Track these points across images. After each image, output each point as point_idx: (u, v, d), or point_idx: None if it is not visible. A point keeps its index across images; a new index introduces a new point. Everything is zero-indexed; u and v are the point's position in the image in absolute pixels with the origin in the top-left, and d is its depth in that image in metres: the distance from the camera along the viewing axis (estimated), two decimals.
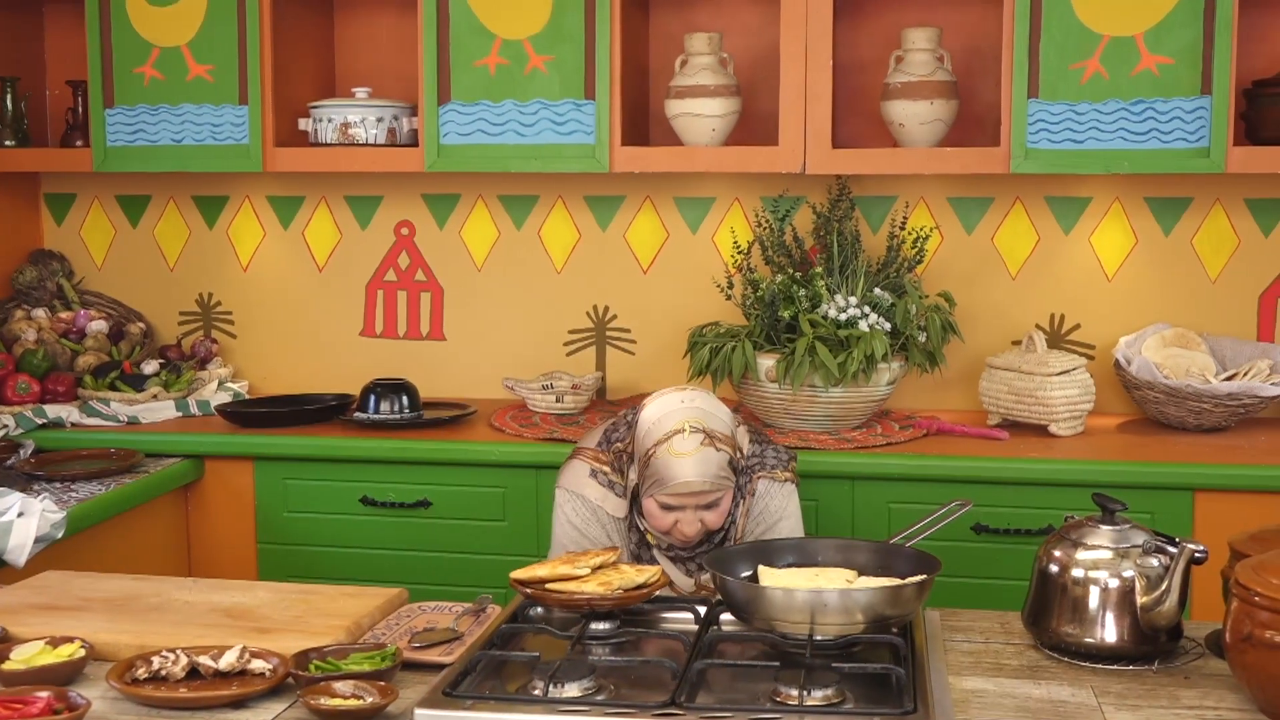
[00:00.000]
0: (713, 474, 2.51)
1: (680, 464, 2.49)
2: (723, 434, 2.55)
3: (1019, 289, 3.72)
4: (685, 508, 2.53)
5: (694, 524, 2.55)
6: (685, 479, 2.49)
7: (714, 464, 2.51)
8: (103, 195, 4.14)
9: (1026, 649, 2.15)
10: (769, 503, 2.68)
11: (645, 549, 2.67)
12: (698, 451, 2.50)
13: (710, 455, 2.51)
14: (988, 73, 3.59)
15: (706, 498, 2.53)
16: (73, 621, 2.19)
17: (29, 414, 3.59)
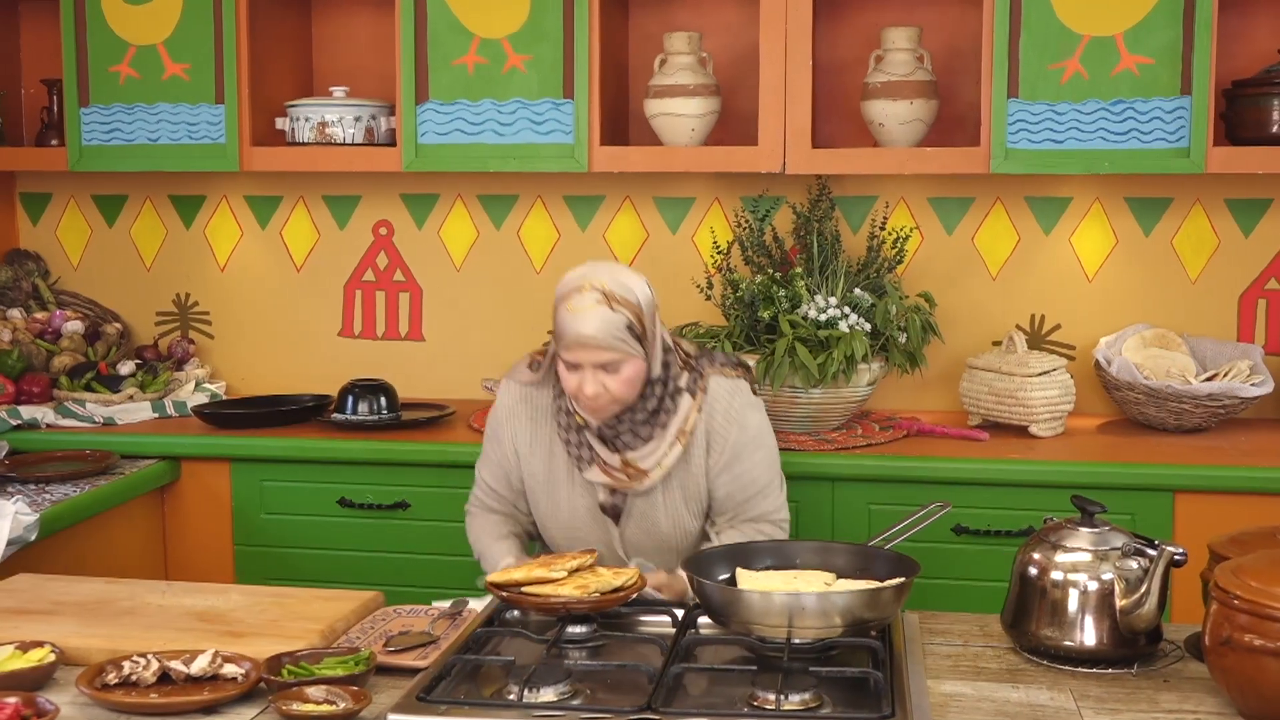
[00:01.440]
0: (606, 331, 2.51)
1: (575, 319, 2.52)
2: (622, 297, 2.55)
3: (999, 289, 3.72)
4: (584, 367, 2.54)
5: (595, 386, 2.54)
6: (577, 332, 2.52)
7: (608, 322, 2.52)
8: (79, 195, 4.11)
9: (1006, 652, 2.14)
10: (731, 403, 2.66)
11: (576, 433, 2.66)
12: (593, 309, 2.52)
13: (605, 313, 2.52)
14: (968, 72, 3.58)
15: (601, 355, 2.52)
16: (43, 625, 2.17)
17: (3, 415, 3.56)
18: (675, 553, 2.69)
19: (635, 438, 2.63)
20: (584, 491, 2.68)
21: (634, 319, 2.54)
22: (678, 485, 2.67)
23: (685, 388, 2.66)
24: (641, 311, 2.56)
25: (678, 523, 2.68)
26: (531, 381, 2.73)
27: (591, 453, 2.65)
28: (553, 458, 2.70)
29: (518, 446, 2.73)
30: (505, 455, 2.75)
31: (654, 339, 2.60)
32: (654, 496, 2.66)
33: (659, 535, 2.68)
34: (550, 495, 2.71)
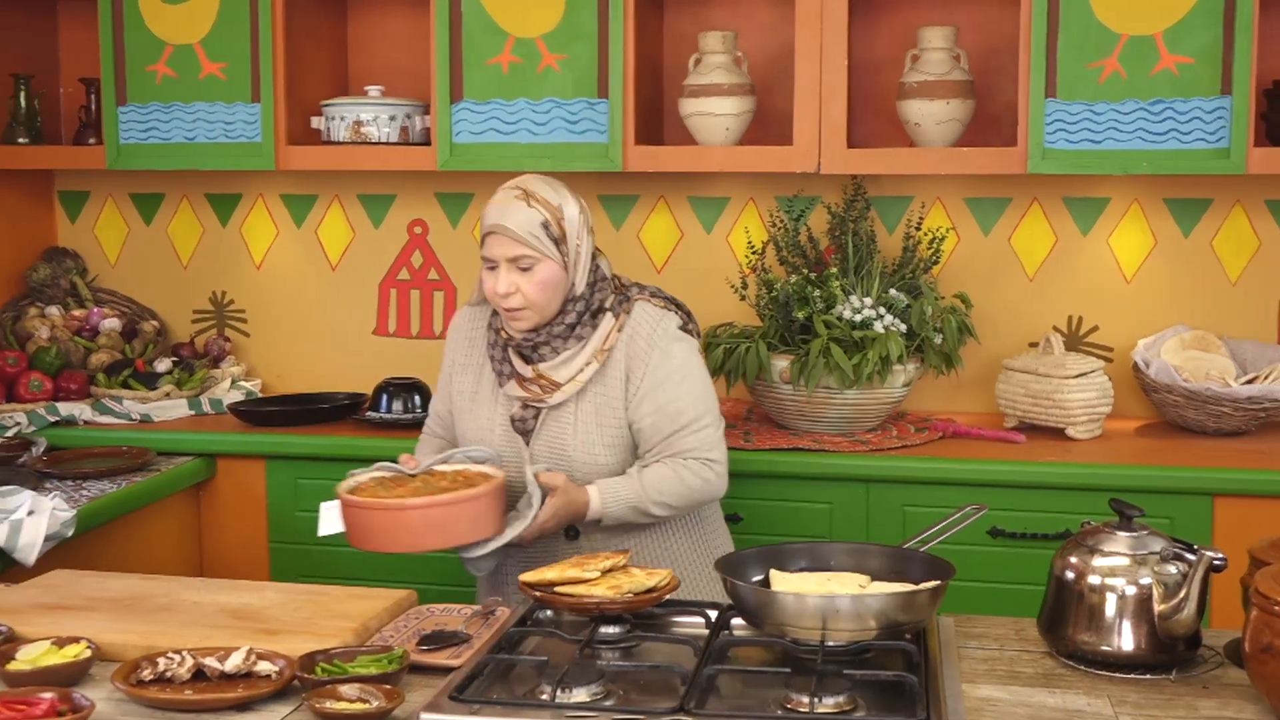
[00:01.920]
0: (520, 224, 2.56)
1: (492, 209, 2.59)
2: (542, 197, 2.60)
3: (1036, 290, 3.69)
4: (499, 264, 2.57)
5: (508, 284, 2.57)
6: (491, 220, 2.58)
7: (523, 216, 2.56)
8: (116, 193, 4.14)
9: (1042, 656, 2.12)
10: (655, 328, 2.65)
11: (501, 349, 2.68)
12: (511, 202, 2.58)
13: (521, 208, 2.57)
14: (1005, 72, 3.56)
15: (513, 248, 2.56)
16: (79, 621, 2.18)
17: (42, 411, 3.58)
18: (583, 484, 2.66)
19: (551, 351, 2.64)
20: (504, 409, 2.70)
21: (551, 220, 2.58)
22: (592, 409, 2.65)
23: (609, 308, 2.67)
24: (561, 216, 2.60)
25: (588, 448, 2.64)
26: (476, 302, 2.78)
27: (511, 368, 2.67)
28: (481, 376, 2.74)
29: (454, 365, 2.79)
30: (445, 376, 2.81)
31: (576, 253, 2.62)
32: (565, 416, 2.65)
33: (567, 458, 2.65)
34: (472, 412, 2.74)
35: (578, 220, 2.63)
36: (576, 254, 2.62)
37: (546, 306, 2.61)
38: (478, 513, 2.45)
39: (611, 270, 2.72)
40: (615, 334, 2.65)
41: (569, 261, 2.61)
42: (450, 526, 2.43)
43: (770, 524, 3.28)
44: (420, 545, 2.45)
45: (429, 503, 2.41)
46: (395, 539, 2.42)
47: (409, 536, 2.41)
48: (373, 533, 2.43)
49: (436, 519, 2.41)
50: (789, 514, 3.28)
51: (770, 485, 3.28)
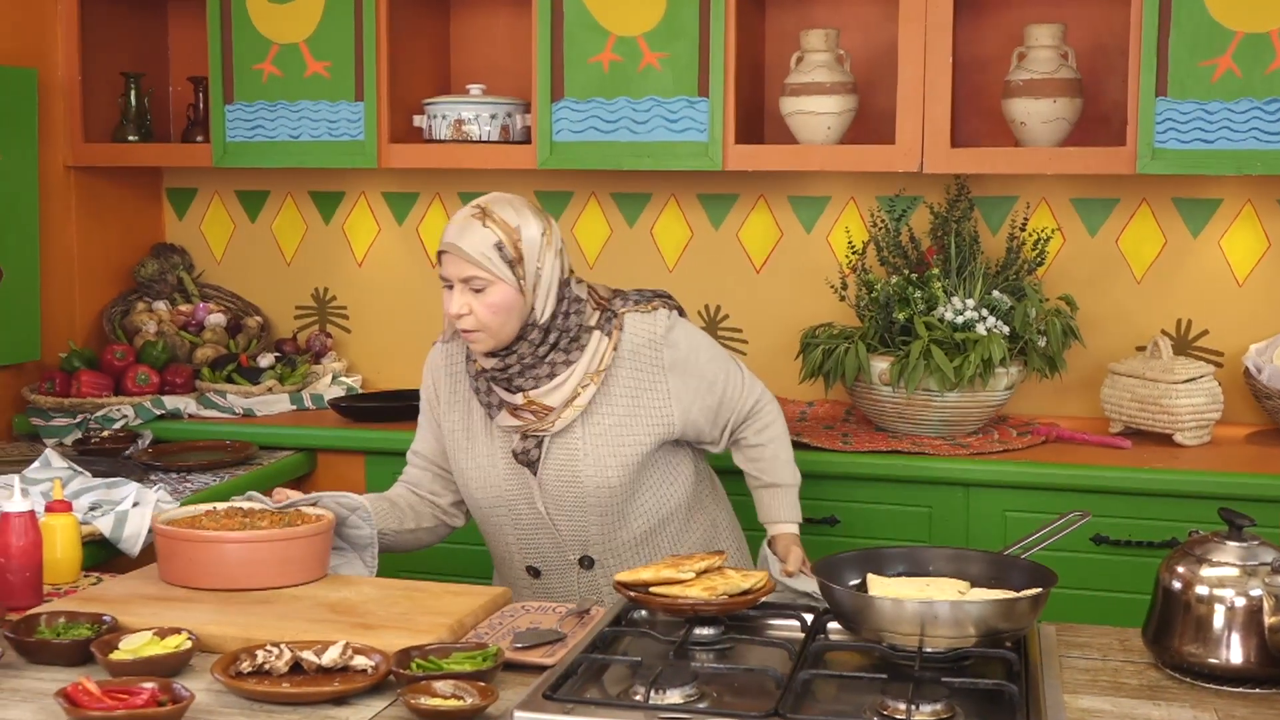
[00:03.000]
0: (473, 244, 2.48)
1: (448, 227, 2.53)
2: (500, 218, 2.51)
3: (1144, 293, 3.62)
4: (453, 281, 2.51)
5: (460, 305, 2.50)
6: (445, 239, 2.52)
7: (477, 236, 2.49)
8: (222, 190, 4.21)
9: (1146, 668, 2.07)
10: (652, 333, 2.60)
11: (483, 380, 2.61)
12: (465, 220, 2.51)
13: (475, 227, 2.50)
14: (1114, 70, 3.49)
15: (464, 268, 2.48)
16: (181, 613, 2.21)
17: (148, 405, 3.65)
18: (597, 510, 2.60)
19: (530, 379, 2.55)
20: (502, 443, 2.63)
21: (506, 241, 2.49)
22: (601, 430, 2.58)
23: (597, 325, 2.60)
24: (518, 238, 2.51)
25: (599, 470, 2.58)
26: (449, 338, 2.73)
27: (498, 398, 2.60)
28: (470, 412, 2.66)
29: (438, 402, 2.72)
30: (428, 416, 2.74)
31: (537, 277, 2.52)
32: (573, 441, 2.58)
33: (580, 487, 2.58)
34: (469, 450, 2.66)
35: (538, 242, 2.53)
36: (536, 277, 2.52)
37: (500, 330, 2.52)
38: (288, 555, 2.37)
39: (587, 291, 2.63)
40: (610, 353, 2.58)
41: (525, 285, 2.51)
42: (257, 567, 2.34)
43: (868, 527, 3.24)
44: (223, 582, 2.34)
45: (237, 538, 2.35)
46: (206, 572, 2.34)
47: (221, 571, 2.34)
48: (178, 564, 2.36)
49: (241, 556, 2.34)
50: (887, 517, 3.25)
51: (868, 488, 3.25)
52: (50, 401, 3.65)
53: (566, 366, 2.56)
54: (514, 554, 2.70)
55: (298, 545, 2.38)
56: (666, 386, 2.61)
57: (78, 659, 2.05)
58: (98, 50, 3.94)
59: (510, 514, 2.65)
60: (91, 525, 2.74)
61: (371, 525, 2.59)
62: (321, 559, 2.43)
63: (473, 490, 2.68)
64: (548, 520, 2.62)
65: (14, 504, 2.32)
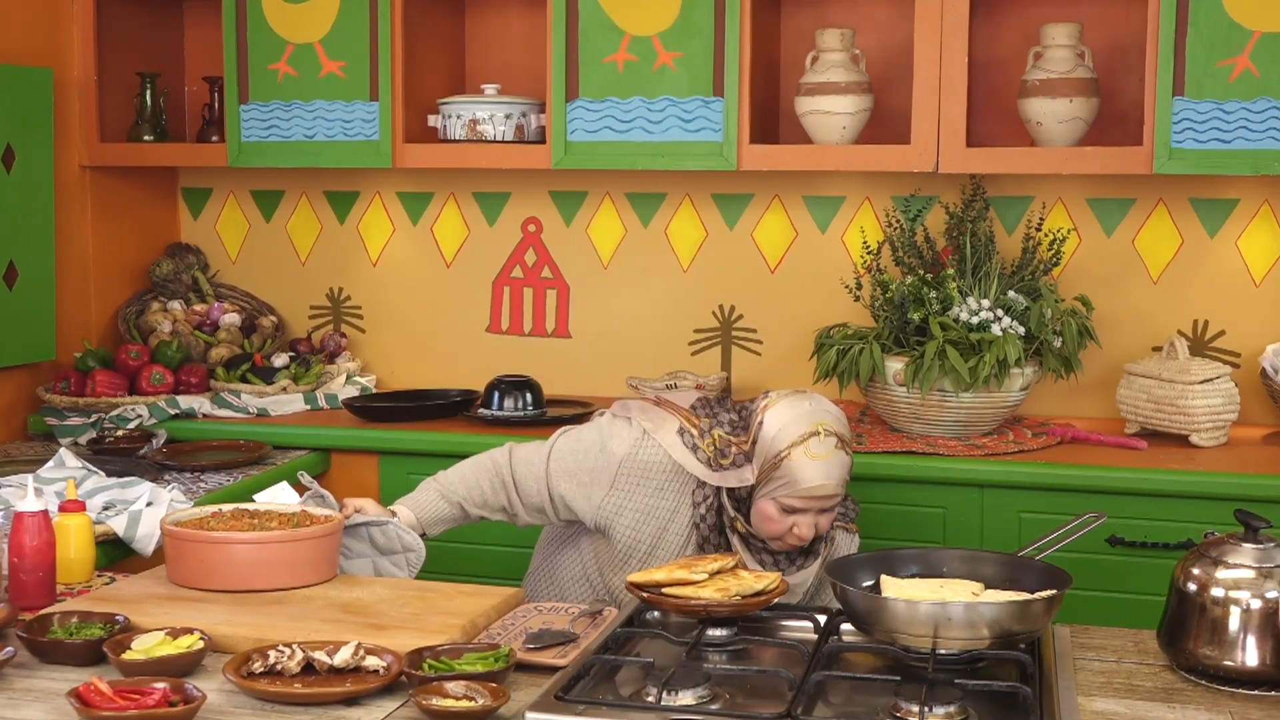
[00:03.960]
0: (840, 477, 2.51)
1: (816, 466, 2.47)
2: (848, 437, 2.56)
3: (1160, 294, 3.60)
4: (808, 511, 2.50)
5: (810, 528, 2.52)
6: (820, 482, 2.48)
7: (843, 468, 2.53)
8: (237, 190, 4.21)
9: (1161, 670, 2.06)
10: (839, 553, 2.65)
11: (719, 535, 2.59)
12: (832, 455, 2.49)
13: (842, 459, 2.52)
14: (1130, 70, 3.48)
15: (831, 501, 2.51)
16: (193, 612, 2.21)
17: (162, 404, 3.65)
18: None
19: (787, 560, 2.59)
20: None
21: (851, 458, 2.56)
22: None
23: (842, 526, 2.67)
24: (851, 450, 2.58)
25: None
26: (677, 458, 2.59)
27: (726, 543, 2.59)
28: (669, 526, 2.61)
29: (625, 506, 2.62)
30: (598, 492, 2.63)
31: None
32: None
33: None
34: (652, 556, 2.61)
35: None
36: None
37: None
38: (298, 556, 2.36)
39: None
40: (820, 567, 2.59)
41: None
42: (266, 568, 2.33)
43: (882, 528, 3.23)
44: (234, 583, 2.33)
45: (246, 539, 2.34)
46: (215, 573, 2.33)
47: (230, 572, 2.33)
48: (187, 565, 2.36)
49: (250, 557, 2.33)
50: (901, 518, 3.23)
51: (882, 489, 3.23)
52: (65, 401, 3.66)
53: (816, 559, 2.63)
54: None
55: (307, 546, 2.38)
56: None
57: (90, 659, 2.05)
58: (113, 50, 3.95)
59: None
60: (105, 525, 2.74)
61: (412, 571, 2.60)
62: (331, 560, 2.42)
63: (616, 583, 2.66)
64: None
65: (27, 503, 2.33)
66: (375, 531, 2.58)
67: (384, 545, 2.59)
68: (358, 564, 2.57)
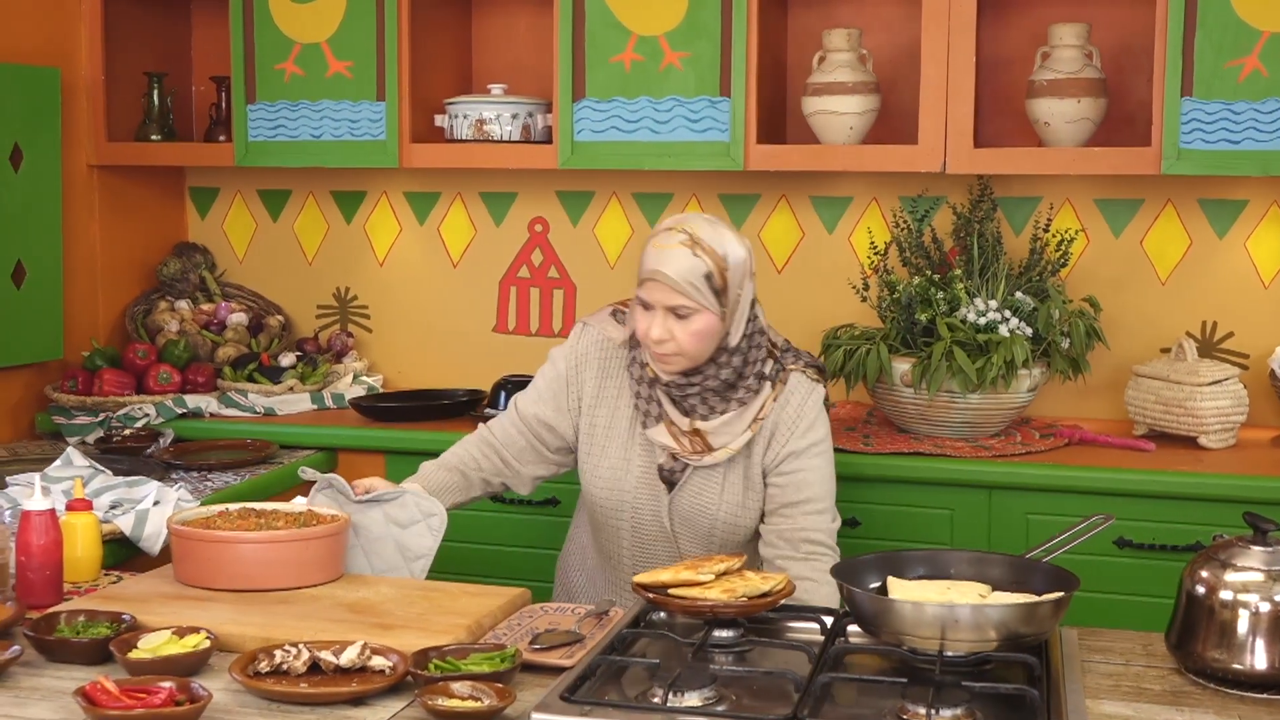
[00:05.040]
0: (682, 273, 2.48)
1: (656, 254, 2.51)
2: (710, 246, 2.51)
3: (1169, 295, 3.59)
4: (656, 307, 2.51)
5: (662, 330, 2.50)
6: (653, 267, 2.50)
7: (687, 266, 2.48)
8: (244, 189, 4.21)
9: (1170, 673, 2.06)
10: (805, 403, 2.62)
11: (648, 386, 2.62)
12: (675, 249, 2.49)
13: (685, 256, 2.49)
14: (1139, 70, 3.47)
15: (673, 297, 2.49)
16: (199, 611, 2.21)
17: (169, 404, 3.65)
18: (720, 541, 2.64)
19: (706, 406, 2.59)
20: (643, 451, 2.65)
21: (715, 270, 2.50)
22: (740, 474, 2.62)
23: (769, 375, 2.62)
24: (726, 267, 2.51)
25: (731, 511, 2.63)
26: (610, 335, 2.70)
27: (660, 409, 2.61)
28: (616, 411, 2.67)
29: (583, 394, 2.71)
30: (561, 396, 2.71)
31: (736, 303, 2.55)
32: (713, 476, 2.62)
33: (708, 517, 2.63)
34: (605, 449, 2.67)
35: (743, 268, 2.55)
36: (736, 303, 2.56)
37: (700, 354, 2.55)
38: (304, 555, 2.35)
39: (765, 322, 2.67)
40: (771, 404, 2.61)
41: (727, 312, 2.54)
42: (273, 567, 2.33)
43: (888, 529, 3.23)
44: (241, 583, 2.32)
45: (253, 538, 2.33)
46: (221, 573, 2.33)
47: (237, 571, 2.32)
48: (194, 564, 2.35)
49: (256, 556, 2.32)
50: (908, 520, 3.23)
51: (889, 490, 3.23)
52: (72, 400, 3.66)
53: (740, 406, 2.60)
54: (624, 558, 2.72)
55: (314, 546, 2.37)
56: (779, 450, 2.62)
57: (97, 658, 2.05)
58: (121, 50, 3.95)
59: (633, 522, 2.68)
60: (112, 524, 2.75)
61: (436, 537, 2.59)
62: (337, 559, 2.42)
63: (598, 490, 2.70)
64: (671, 537, 2.66)
65: (35, 502, 2.33)
66: (391, 508, 2.57)
67: (403, 519, 2.58)
68: (379, 545, 2.56)
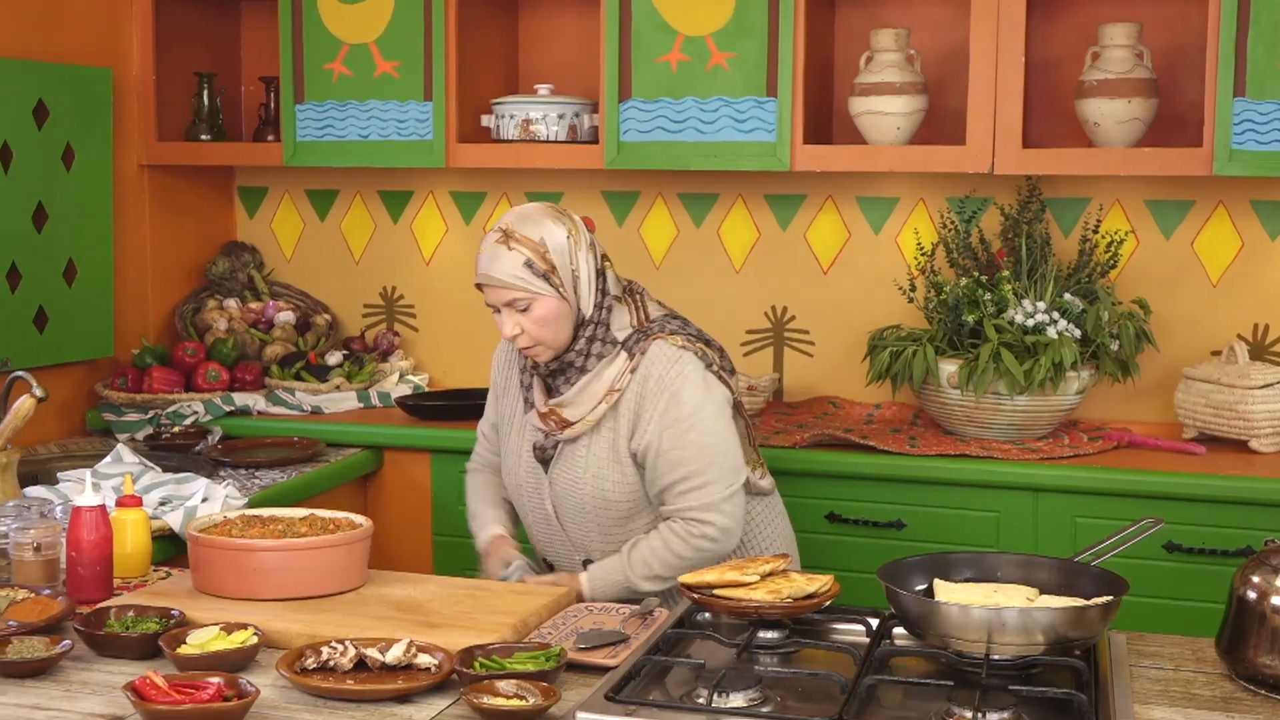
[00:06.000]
0: (502, 269, 2.53)
1: (480, 258, 2.57)
2: (522, 235, 2.54)
3: (1219, 297, 3.56)
4: (498, 307, 2.57)
5: (512, 326, 2.55)
6: (480, 270, 2.56)
7: (504, 260, 2.53)
8: (292, 189, 4.24)
9: (1220, 679, 2.03)
10: (667, 370, 2.56)
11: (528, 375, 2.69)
12: (493, 248, 2.55)
13: (501, 252, 2.54)
14: (1190, 70, 3.44)
15: (504, 294, 2.54)
16: (248, 608, 2.23)
17: (218, 401, 3.68)
18: (596, 519, 2.62)
19: (568, 384, 2.61)
20: (530, 436, 2.69)
21: (534, 256, 2.53)
22: (606, 445, 2.59)
23: (623, 343, 2.60)
24: (545, 249, 2.54)
25: (598, 484, 2.60)
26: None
27: (532, 397, 2.67)
28: (517, 401, 2.73)
29: (497, 388, 2.80)
30: (493, 399, 2.82)
31: (574, 279, 2.56)
32: (580, 449, 2.61)
33: (581, 493, 2.61)
34: (508, 437, 2.75)
35: (565, 246, 2.56)
36: (574, 279, 2.57)
37: (555, 338, 2.57)
38: (328, 563, 2.33)
39: (637, 295, 2.66)
40: (628, 375, 2.58)
41: (565, 291, 2.55)
42: (299, 575, 2.30)
43: (934, 532, 3.21)
44: (264, 591, 2.29)
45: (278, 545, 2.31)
46: (243, 582, 2.29)
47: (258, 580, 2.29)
48: (214, 573, 2.32)
49: (282, 564, 2.30)
50: (954, 522, 3.21)
51: (935, 492, 3.22)
52: (122, 397, 3.69)
53: (596, 380, 2.59)
54: (535, 544, 2.79)
55: (336, 553, 2.34)
56: (646, 426, 2.57)
57: (146, 653, 2.07)
58: (171, 50, 3.99)
59: (528, 505, 2.73)
60: (161, 520, 2.77)
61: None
62: (360, 567, 2.39)
63: (506, 476, 2.78)
64: (555, 519, 2.68)
65: (85, 498, 2.35)
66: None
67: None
68: None
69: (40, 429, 3.51)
